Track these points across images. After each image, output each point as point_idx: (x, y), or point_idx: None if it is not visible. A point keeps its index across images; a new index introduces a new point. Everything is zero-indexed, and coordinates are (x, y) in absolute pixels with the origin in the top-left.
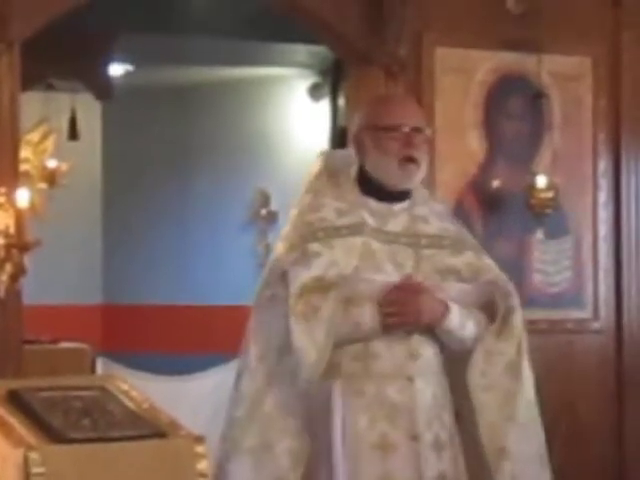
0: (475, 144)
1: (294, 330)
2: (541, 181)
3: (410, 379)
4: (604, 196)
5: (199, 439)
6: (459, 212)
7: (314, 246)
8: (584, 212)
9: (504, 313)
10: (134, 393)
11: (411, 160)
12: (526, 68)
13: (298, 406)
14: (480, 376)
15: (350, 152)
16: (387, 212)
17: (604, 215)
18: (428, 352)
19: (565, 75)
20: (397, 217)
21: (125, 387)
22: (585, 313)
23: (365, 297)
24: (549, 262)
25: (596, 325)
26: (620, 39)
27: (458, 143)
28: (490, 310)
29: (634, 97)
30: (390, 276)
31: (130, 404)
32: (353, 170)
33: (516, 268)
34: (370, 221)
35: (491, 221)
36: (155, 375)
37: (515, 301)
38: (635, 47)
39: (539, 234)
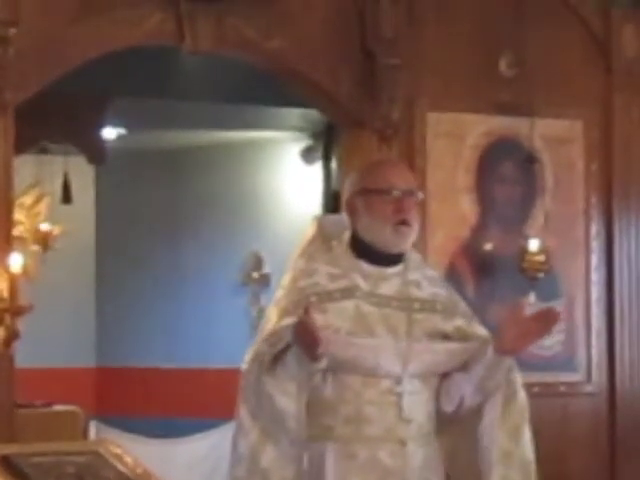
0: (467, 208)
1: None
2: (533, 244)
3: (402, 442)
4: (596, 259)
5: None
6: (451, 276)
7: None
8: (576, 275)
9: (507, 388)
10: (127, 457)
11: (404, 223)
12: (518, 132)
13: (293, 456)
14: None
15: (343, 217)
16: (379, 276)
17: (596, 278)
18: (420, 416)
19: (557, 138)
20: (389, 281)
21: (118, 451)
22: (578, 376)
23: None
24: None
25: (589, 388)
26: (612, 103)
27: (450, 207)
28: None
29: (625, 161)
30: (382, 339)
31: (123, 469)
32: (346, 235)
33: None
34: (362, 284)
35: (483, 285)
36: (148, 438)
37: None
38: (626, 111)
39: (531, 297)
